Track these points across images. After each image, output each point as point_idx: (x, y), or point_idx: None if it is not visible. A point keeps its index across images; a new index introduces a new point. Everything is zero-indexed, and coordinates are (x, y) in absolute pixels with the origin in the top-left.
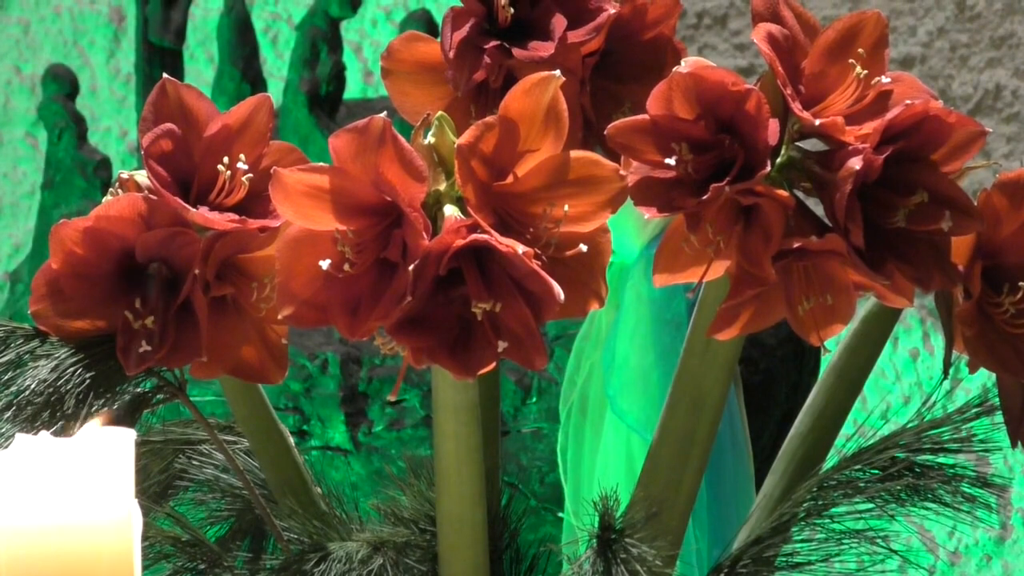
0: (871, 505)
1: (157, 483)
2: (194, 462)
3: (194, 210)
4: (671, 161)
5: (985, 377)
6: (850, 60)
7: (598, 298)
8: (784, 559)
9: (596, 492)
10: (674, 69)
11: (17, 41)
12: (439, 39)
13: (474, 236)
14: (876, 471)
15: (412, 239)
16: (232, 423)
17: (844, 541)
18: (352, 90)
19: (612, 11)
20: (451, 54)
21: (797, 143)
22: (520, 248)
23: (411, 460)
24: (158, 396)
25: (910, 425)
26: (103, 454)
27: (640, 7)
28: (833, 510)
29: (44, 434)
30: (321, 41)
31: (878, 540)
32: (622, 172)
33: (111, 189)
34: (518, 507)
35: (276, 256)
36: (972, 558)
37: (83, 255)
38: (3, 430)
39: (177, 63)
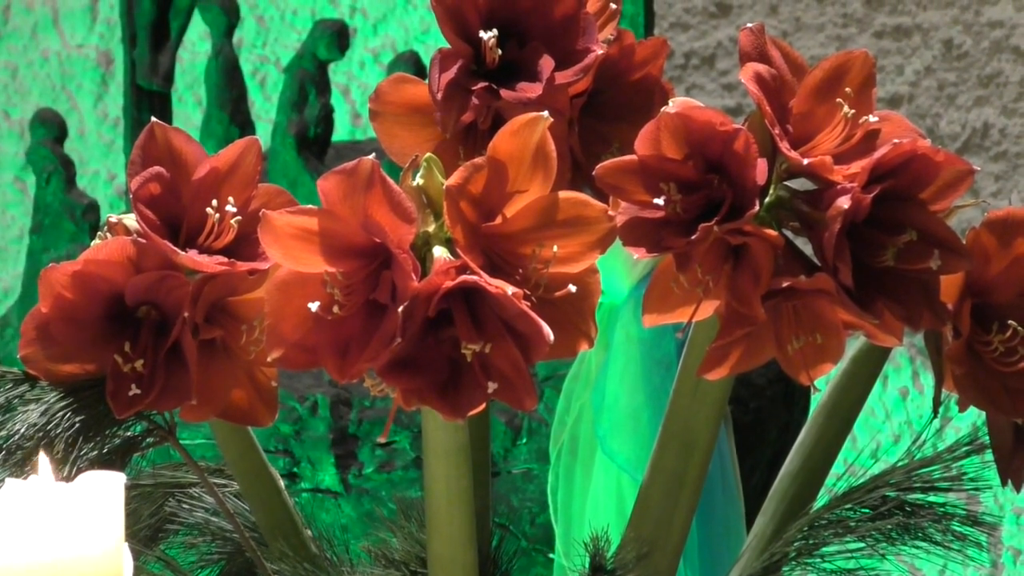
0: (862, 544)
1: (147, 526)
2: (184, 505)
3: (183, 253)
4: (660, 201)
5: (975, 415)
6: (838, 99)
7: (587, 339)
8: None
9: (587, 533)
10: (662, 109)
11: (5, 85)
12: (427, 81)
13: (463, 277)
14: (866, 510)
15: (401, 281)
16: (222, 466)
17: None
18: (340, 132)
19: (600, 52)
20: (439, 96)
21: (785, 182)
22: (509, 289)
23: (401, 502)
24: (148, 439)
25: (900, 464)
26: (93, 498)
27: (628, 48)
28: (824, 549)
29: (34, 478)
30: (309, 84)
31: None
32: (611, 212)
33: (100, 233)
34: (509, 548)
35: (265, 298)
36: None
37: (72, 299)
38: None
39: (165, 106)
